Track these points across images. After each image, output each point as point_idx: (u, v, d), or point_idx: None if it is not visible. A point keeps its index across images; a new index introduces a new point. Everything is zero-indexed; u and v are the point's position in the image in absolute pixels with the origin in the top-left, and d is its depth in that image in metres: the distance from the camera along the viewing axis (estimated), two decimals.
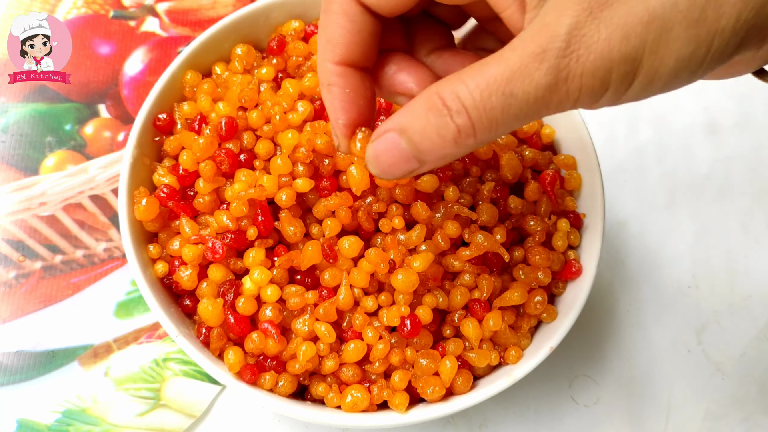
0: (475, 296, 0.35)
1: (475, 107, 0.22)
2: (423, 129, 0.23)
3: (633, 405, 0.44)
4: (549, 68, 0.22)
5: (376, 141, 0.25)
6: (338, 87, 0.26)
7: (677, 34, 0.21)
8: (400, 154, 0.24)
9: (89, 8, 0.52)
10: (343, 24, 0.25)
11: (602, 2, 0.21)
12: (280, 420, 0.42)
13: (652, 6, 0.21)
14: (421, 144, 0.24)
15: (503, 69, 0.22)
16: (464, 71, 0.23)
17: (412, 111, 0.24)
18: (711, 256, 0.48)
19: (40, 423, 0.41)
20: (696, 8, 0.21)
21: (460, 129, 0.23)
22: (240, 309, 0.34)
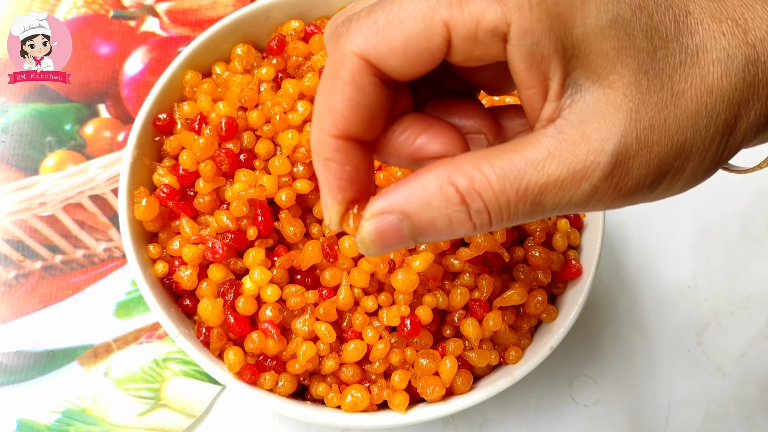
0: (475, 296, 0.35)
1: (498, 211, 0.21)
2: (432, 219, 0.21)
3: (633, 405, 0.44)
4: (588, 190, 0.21)
5: (373, 223, 0.22)
6: (337, 163, 0.22)
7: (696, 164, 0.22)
8: (398, 238, 0.22)
9: (89, 8, 0.52)
10: (352, 96, 0.21)
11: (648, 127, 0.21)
12: (280, 420, 0.42)
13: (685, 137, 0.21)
14: (426, 231, 0.22)
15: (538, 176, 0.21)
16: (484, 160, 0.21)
17: (420, 197, 0.21)
18: (711, 256, 0.48)
19: (40, 423, 0.41)
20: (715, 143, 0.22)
21: (477, 228, 0.21)
22: (240, 309, 0.34)
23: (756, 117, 0.22)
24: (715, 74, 0.21)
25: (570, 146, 0.21)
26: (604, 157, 0.20)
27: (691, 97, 0.21)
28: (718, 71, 0.21)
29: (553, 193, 0.21)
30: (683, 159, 0.21)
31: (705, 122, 0.21)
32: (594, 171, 0.20)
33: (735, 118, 0.22)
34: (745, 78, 0.22)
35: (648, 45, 0.21)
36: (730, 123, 0.22)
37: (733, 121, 0.22)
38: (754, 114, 0.22)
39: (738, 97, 0.22)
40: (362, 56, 0.21)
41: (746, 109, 0.22)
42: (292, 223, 0.35)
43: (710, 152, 0.22)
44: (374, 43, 0.21)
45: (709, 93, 0.21)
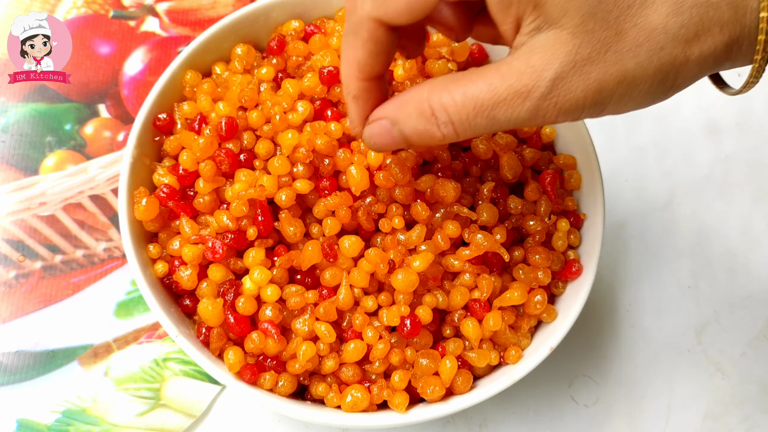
0: (475, 296, 0.35)
1: (460, 122, 0.27)
2: (413, 127, 0.28)
3: (633, 405, 0.44)
4: (531, 107, 0.26)
5: (373, 124, 0.29)
6: (363, 99, 0.29)
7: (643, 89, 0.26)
8: (391, 139, 0.29)
9: (89, 8, 0.52)
10: (371, 49, 0.28)
11: (586, 58, 0.25)
12: (280, 420, 0.42)
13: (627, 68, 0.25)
14: (410, 137, 0.28)
15: (491, 96, 0.26)
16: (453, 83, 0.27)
17: (405, 109, 0.28)
18: (711, 256, 0.48)
19: (40, 423, 0.41)
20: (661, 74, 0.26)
21: (445, 136, 0.27)
22: (240, 309, 0.34)
23: (710, 50, 0.25)
24: (661, 14, 0.25)
25: (517, 72, 0.25)
26: (542, 82, 0.25)
27: (634, 35, 0.25)
28: (663, 11, 0.25)
29: (503, 109, 0.26)
30: (627, 85, 0.25)
31: (646, 55, 0.25)
32: (534, 92, 0.25)
33: (682, 51, 0.25)
34: (692, 16, 0.25)
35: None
36: (678, 56, 0.25)
37: (681, 54, 0.25)
38: (707, 47, 0.25)
39: (685, 34, 0.25)
40: (376, 18, 0.27)
41: (697, 44, 0.25)
42: (292, 223, 0.35)
43: (657, 80, 0.26)
44: (384, 9, 0.26)
45: (652, 31, 0.25)
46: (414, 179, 0.35)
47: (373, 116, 0.29)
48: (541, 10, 0.25)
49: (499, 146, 0.37)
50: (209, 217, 0.36)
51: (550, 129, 0.40)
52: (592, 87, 0.25)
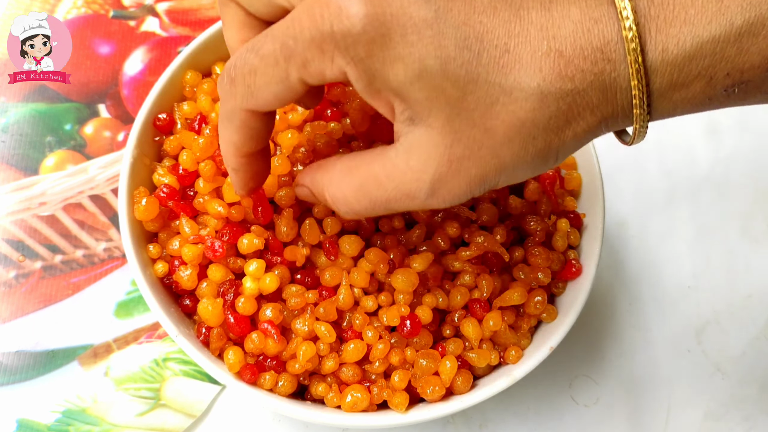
0: (475, 296, 0.35)
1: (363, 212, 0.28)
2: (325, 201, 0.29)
3: (633, 405, 0.44)
4: (420, 204, 0.26)
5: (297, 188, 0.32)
6: (243, 171, 0.31)
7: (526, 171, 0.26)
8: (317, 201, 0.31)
9: (89, 8, 0.52)
10: (246, 132, 0.29)
11: (461, 157, 0.25)
12: (280, 420, 0.42)
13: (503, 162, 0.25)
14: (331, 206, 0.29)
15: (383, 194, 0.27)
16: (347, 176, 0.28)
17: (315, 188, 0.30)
18: (711, 256, 0.48)
19: (40, 423, 0.41)
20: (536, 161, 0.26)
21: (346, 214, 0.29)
22: (240, 309, 0.34)
23: (584, 130, 0.26)
24: (527, 110, 0.24)
25: (400, 173, 0.26)
26: (423, 185, 0.26)
27: (504, 130, 0.25)
28: (530, 105, 0.24)
29: (396, 204, 0.27)
30: (508, 173, 0.26)
31: (520, 146, 0.25)
32: (418, 193, 0.26)
33: (557, 136, 0.25)
34: (560, 107, 0.25)
35: (457, 92, 0.24)
36: (552, 141, 0.25)
37: (556, 139, 0.25)
38: (581, 128, 0.26)
39: (555, 123, 0.25)
40: (246, 110, 0.28)
41: (570, 128, 0.25)
42: (287, 224, 0.35)
43: (537, 162, 0.26)
44: (252, 103, 0.27)
45: (521, 125, 0.25)
46: None
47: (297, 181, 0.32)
48: (407, 103, 0.25)
49: None
50: (209, 217, 0.36)
51: None
52: (475, 180, 0.26)
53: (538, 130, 0.25)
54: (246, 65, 0.26)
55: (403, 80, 0.24)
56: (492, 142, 0.25)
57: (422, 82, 0.24)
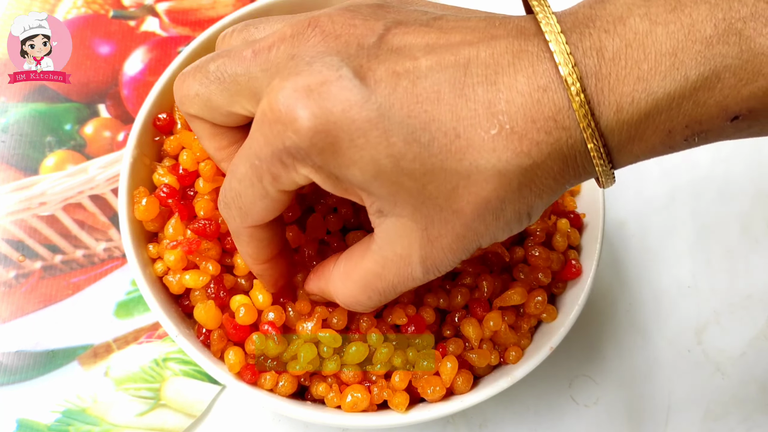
0: (475, 296, 0.35)
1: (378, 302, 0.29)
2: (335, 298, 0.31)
3: (633, 405, 0.44)
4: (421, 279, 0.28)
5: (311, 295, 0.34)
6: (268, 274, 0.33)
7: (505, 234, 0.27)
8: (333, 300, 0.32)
9: (89, 8, 0.52)
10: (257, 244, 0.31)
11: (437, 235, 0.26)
12: (280, 420, 0.42)
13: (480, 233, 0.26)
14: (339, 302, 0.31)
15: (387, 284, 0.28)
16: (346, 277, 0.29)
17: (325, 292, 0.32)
18: (711, 256, 0.48)
19: (39, 423, 0.41)
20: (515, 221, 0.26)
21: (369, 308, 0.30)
22: (240, 320, 0.34)
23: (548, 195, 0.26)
24: (490, 188, 0.24)
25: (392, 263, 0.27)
26: (416, 266, 0.27)
27: (471, 210, 0.25)
28: (491, 185, 0.24)
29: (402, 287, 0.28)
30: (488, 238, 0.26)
31: (492, 218, 0.25)
32: (414, 274, 0.27)
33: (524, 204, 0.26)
34: (521, 182, 0.25)
35: (416, 184, 0.24)
36: (519, 210, 0.26)
37: (522, 207, 0.26)
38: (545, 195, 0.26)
39: (520, 195, 0.25)
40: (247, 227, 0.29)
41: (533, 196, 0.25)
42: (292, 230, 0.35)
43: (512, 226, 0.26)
44: (249, 221, 0.29)
45: (487, 202, 0.25)
46: None
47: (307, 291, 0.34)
48: (373, 197, 0.25)
49: None
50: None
51: None
52: (458, 251, 0.26)
53: (504, 203, 0.25)
54: (231, 190, 0.28)
55: (362, 180, 0.25)
56: (463, 219, 0.25)
57: (380, 181, 0.24)
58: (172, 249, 0.34)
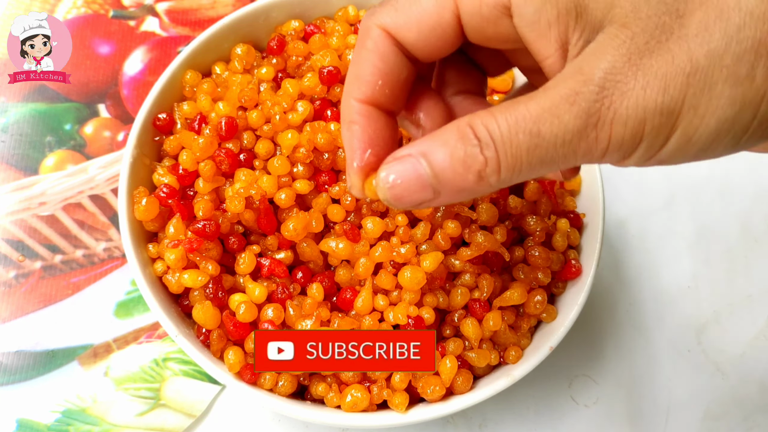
0: (475, 296, 0.35)
1: (502, 142, 0.21)
2: (449, 156, 0.22)
3: (633, 405, 0.44)
4: (579, 111, 0.21)
5: (393, 163, 0.23)
6: (360, 126, 0.24)
7: (721, 91, 0.20)
8: (417, 180, 0.22)
9: (89, 8, 0.52)
10: (375, 63, 0.23)
11: (643, 49, 0.20)
12: (280, 420, 0.42)
13: (696, 56, 0.20)
14: (444, 172, 0.22)
15: (533, 107, 0.21)
16: (496, 107, 0.22)
17: (440, 137, 0.22)
18: (711, 256, 0.48)
19: (39, 423, 0.41)
20: (744, 64, 0.20)
21: (487, 161, 0.22)
22: (240, 317, 0.34)
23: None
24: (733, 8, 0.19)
25: (563, 80, 0.21)
26: (591, 82, 0.20)
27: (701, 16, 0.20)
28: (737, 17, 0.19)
29: (548, 121, 0.21)
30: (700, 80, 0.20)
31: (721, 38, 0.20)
32: (581, 94, 0.21)
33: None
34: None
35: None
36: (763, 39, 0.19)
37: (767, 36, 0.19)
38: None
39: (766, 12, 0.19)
40: (383, 28, 0.23)
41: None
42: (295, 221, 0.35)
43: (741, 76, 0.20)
44: (393, 17, 0.23)
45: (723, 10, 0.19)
46: None
47: (393, 155, 0.23)
48: (584, 16, 0.21)
49: None
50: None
51: None
52: (655, 83, 0.20)
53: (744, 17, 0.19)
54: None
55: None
56: (684, 30, 0.20)
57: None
58: (173, 248, 0.34)
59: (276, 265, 0.35)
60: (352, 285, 0.35)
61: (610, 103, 0.20)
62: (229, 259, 0.36)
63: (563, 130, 0.21)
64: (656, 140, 0.21)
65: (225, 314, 0.34)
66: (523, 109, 0.21)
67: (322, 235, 0.36)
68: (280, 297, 0.34)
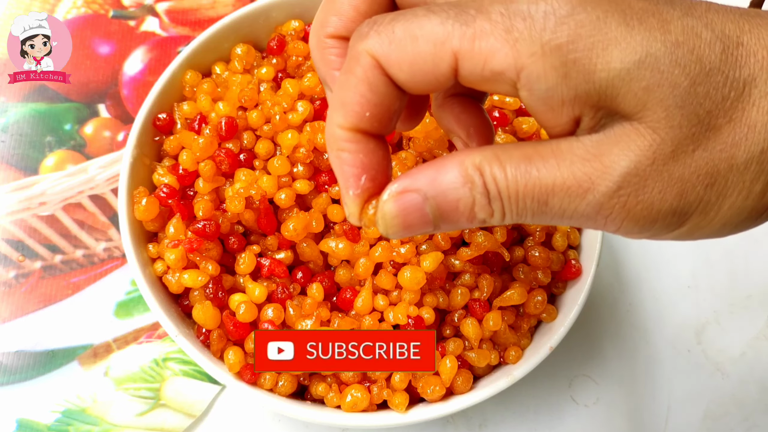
0: (475, 296, 0.35)
1: (509, 199, 0.21)
2: (456, 200, 0.22)
3: (633, 405, 0.44)
4: (593, 202, 0.21)
5: (396, 200, 0.22)
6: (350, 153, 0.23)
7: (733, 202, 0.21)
8: (420, 219, 0.22)
9: (89, 8, 0.52)
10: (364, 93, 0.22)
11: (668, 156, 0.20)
12: (280, 420, 0.42)
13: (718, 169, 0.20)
14: (450, 215, 0.22)
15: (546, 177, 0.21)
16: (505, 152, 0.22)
17: (444, 178, 0.22)
18: (711, 256, 0.48)
19: (39, 423, 0.41)
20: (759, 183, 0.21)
21: (494, 212, 0.22)
22: (240, 317, 0.34)
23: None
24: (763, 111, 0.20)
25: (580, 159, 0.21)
26: (610, 176, 0.20)
27: (729, 131, 0.20)
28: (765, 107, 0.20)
29: (559, 198, 0.21)
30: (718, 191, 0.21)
31: (744, 157, 0.20)
32: (598, 186, 0.20)
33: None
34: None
35: (685, 80, 0.20)
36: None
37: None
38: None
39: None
40: (374, 57, 0.21)
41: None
42: (295, 221, 0.35)
43: (754, 192, 0.21)
44: (386, 50, 0.21)
45: (752, 127, 0.20)
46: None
47: (394, 189, 0.22)
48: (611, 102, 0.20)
49: None
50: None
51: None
52: (673, 189, 0.20)
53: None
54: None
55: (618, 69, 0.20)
56: (711, 143, 0.20)
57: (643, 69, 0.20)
58: (173, 248, 0.34)
59: (276, 265, 0.35)
60: (352, 285, 0.35)
61: (625, 202, 0.21)
62: (229, 259, 0.36)
63: (572, 210, 0.21)
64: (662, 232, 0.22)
65: (225, 314, 0.34)
66: (535, 173, 0.21)
67: (322, 235, 0.36)
68: (280, 297, 0.34)
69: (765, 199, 0.21)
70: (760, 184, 0.21)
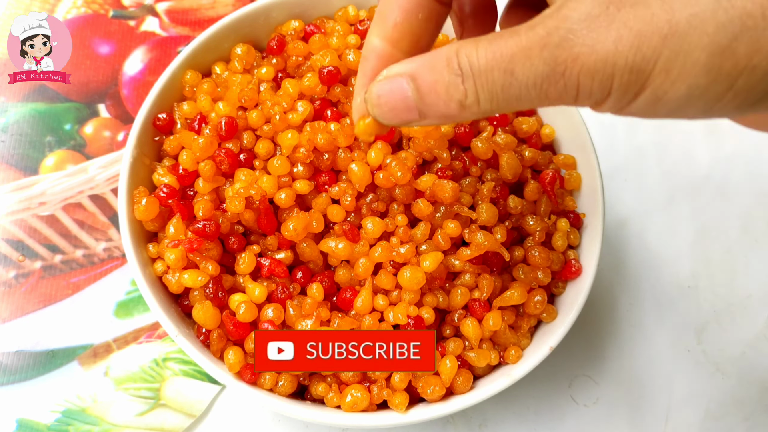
0: (475, 296, 0.35)
1: (479, 75, 0.22)
2: (434, 82, 0.23)
3: (633, 405, 0.44)
4: (547, 57, 0.20)
5: (383, 81, 0.24)
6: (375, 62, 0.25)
7: (697, 58, 0.19)
8: (403, 101, 0.24)
9: (89, 8, 0.52)
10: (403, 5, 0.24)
11: (624, 0, 0.19)
12: (280, 420, 0.42)
13: (677, 19, 0.19)
14: (428, 96, 0.23)
15: (512, 45, 0.21)
16: (484, 36, 0.22)
17: (428, 62, 0.23)
18: (711, 256, 0.48)
19: (39, 423, 0.41)
20: (726, 34, 0.18)
21: (467, 92, 0.22)
22: (240, 317, 0.34)
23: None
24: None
25: (543, 18, 0.21)
26: (562, 28, 0.20)
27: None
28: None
29: (520, 62, 0.21)
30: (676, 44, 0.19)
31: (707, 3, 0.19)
32: (551, 38, 0.20)
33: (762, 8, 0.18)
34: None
35: None
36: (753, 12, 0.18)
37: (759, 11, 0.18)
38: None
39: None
40: None
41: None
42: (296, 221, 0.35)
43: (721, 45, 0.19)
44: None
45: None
46: (414, 179, 0.35)
47: (385, 72, 0.24)
48: None
49: (499, 146, 0.37)
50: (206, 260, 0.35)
51: (550, 129, 0.40)
52: (628, 39, 0.19)
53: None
54: None
55: None
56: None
57: None
58: (173, 248, 0.34)
59: (276, 265, 0.35)
60: (352, 285, 0.35)
61: (577, 54, 0.20)
62: (229, 259, 0.36)
63: (534, 73, 0.21)
64: (624, 96, 0.21)
65: (225, 314, 0.34)
66: (503, 45, 0.21)
67: (322, 235, 0.36)
68: (280, 297, 0.34)
69: (736, 57, 0.19)
70: (728, 36, 0.19)
